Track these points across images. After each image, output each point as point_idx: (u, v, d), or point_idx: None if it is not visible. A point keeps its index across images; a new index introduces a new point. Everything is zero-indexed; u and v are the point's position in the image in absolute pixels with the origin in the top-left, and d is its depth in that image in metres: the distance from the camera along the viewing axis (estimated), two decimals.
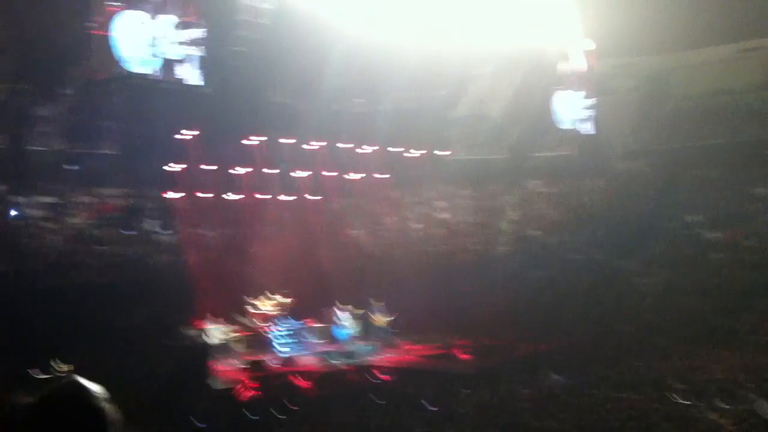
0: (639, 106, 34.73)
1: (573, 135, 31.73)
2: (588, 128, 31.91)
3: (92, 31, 20.63)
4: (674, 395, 15.67)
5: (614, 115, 32.71)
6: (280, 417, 16.87)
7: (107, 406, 1.89)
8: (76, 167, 22.66)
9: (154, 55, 21.04)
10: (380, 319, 24.74)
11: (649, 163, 32.49)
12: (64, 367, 17.17)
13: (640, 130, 34.50)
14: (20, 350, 16.46)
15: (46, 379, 16.73)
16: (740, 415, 13.47)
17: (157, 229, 26.88)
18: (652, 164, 32.21)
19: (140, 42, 20.75)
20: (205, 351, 20.07)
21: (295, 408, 17.49)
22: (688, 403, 14.94)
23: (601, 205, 30.71)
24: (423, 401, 16.98)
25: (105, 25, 20.48)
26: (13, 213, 23.10)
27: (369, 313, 25.24)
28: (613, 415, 14.89)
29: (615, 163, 33.02)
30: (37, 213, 24.56)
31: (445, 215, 31.88)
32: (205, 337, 21.95)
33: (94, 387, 1.91)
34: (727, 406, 14.22)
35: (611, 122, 32.61)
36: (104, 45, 21.19)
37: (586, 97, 32.22)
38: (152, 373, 18.48)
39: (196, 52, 21.91)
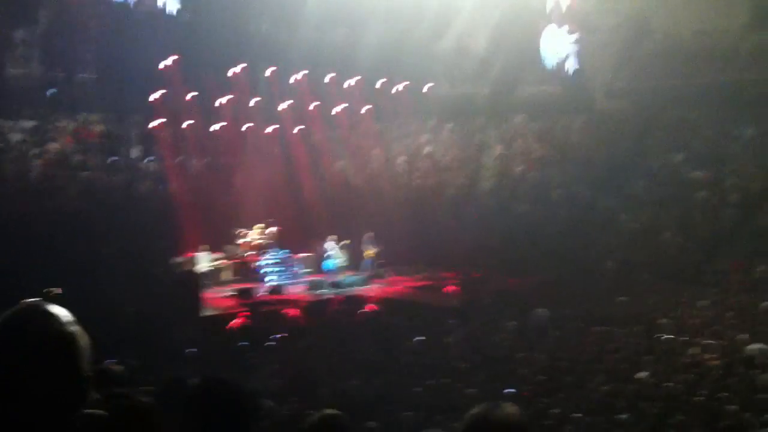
0: (621, 45, 34.52)
1: (557, 71, 31.62)
2: (572, 65, 31.80)
3: None
4: (657, 330, 15.95)
5: (596, 53, 32.55)
6: (267, 344, 16.96)
7: (74, 330, 1.74)
8: (55, 91, 22.15)
9: None
10: (367, 251, 24.84)
11: (631, 101, 32.51)
12: (55, 291, 17.02)
13: (622, 69, 34.39)
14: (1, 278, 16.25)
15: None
16: (723, 350, 13.74)
17: (140, 157, 26.59)
18: (634, 102, 32.23)
19: None
20: (193, 279, 20.05)
21: (282, 335, 17.59)
22: (671, 337, 15.19)
23: (583, 142, 30.78)
24: (409, 331, 17.18)
25: None
26: None
27: (356, 244, 25.33)
28: (596, 347, 15.15)
29: (597, 100, 33.01)
30: (17, 137, 24.13)
31: (429, 149, 31.78)
32: (192, 265, 21.95)
33: (59, 310, 1.76)
34: (711, 342, 14.49)
35: (593, 60, 32.49)
36: None
37: (570, 34, 32.01)
38: (139, 301, 18.46)
39: None
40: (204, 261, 22.24)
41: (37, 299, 1.77)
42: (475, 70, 32.91)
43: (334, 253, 23.51)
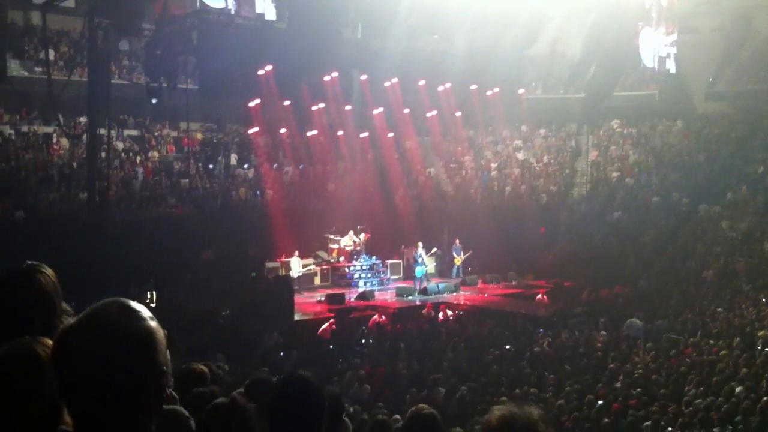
0: (722, 46, 33.37)
1: (654, 74, 30.83)
2: (670, 68, 30.95)
3: None
4: (758, 343, 15.34)
5: (697, 55, 31.56)
6: (356, 349, 17.14)
7: (152, 325, 1.79)
8: (157, 101, 22.93)
9: None
10: (457, 258, 24.84)
11: (732, 104, 31.39)
12: (153, 297, 17.71)
13: (723, 71, 33.26)
14: (106, 280, 16.96)
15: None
16: None
17: (237, 164, 27.33)
18: (736, 106, 31.11)
19: None
20: (285, 284, 20.44)
21: (370, 341, 17.75)
22: None
23: (682, 147, 29.88)
24: (497, 339, 17.05)
25: None
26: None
27: (445, 252, 25.33)
28: (692, 359, 14.68)
29: (697, 103, 32.00)
30: (120, 145, 25.16)
31: (521, 155, 31.48)
32: (284, 270, 22.40)
33: (138, 306, 1.81)
34: None
35: (693, 62, 31.51)
36: None
37: (668, 35, 31.16)
38: (232, 304, 18.95)
39: None
40: (295, 266, 22.67)
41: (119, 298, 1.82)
42: (569, 74, 32.44)
43: (423, 259, 23.58)
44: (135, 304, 1.82)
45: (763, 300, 19.43)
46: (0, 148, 23.07)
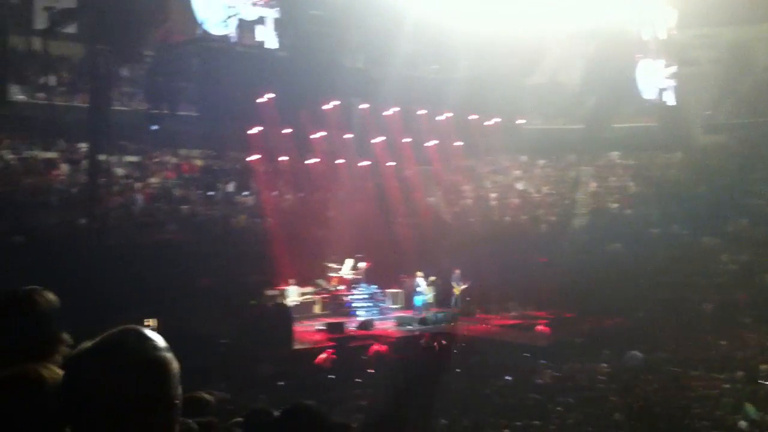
0: (721, 78, 33.59)
1: (653, 106, 30.98)
2: (669, 99, 31.11)
3: None
4: (759, 376, 15.26)
5: (695, 87, 31.75)
6: (356, 379, 16.99)
7: (167, 355, 1.76)
8: (158, 128, 22.97)
9: (231, 17, 21.22)
10: (456, 288, 24.76)
11: (731, 136, 31.52)
12: (151, 322, 17.57)
13: (721, 103, 33.45)
14: (102, 306, 16.87)
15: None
16: None
17: (236, 191, 27.29)
18: (735, 138, 31.25)
19: (217, 3, 20.91)
20: (284, 312, 20.33)
21: (370, 371, 17.60)
22: None
23: (680, 179, 29.95)
24: (498, 370, 16.94)
25: None
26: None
27: (445, 281, 25.24)
28: (696, 392, 14.59)
29: (696, 135, 32.12)
30: (119, 171, 25.13)
31: (521, 185, 31.51)
32: (284, 298, 22.29)
33: (153, 335, 1.78)
34: None
35: (692, 94, 31.69)
36: (183, 6, 21.46)
37: (667, 67, 31.37)
38: (231, 332, 18.83)
39: (272, 14, 22.01)
40: (293, 294, 22.56)
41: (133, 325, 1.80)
42: (568, 104, 32.58)
43: (424, 289, 23.48)
44: (151, 333, 1.79)
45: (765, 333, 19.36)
46: (0, 172, 23.03)
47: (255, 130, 24.70)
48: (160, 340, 1.79)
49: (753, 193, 28.05)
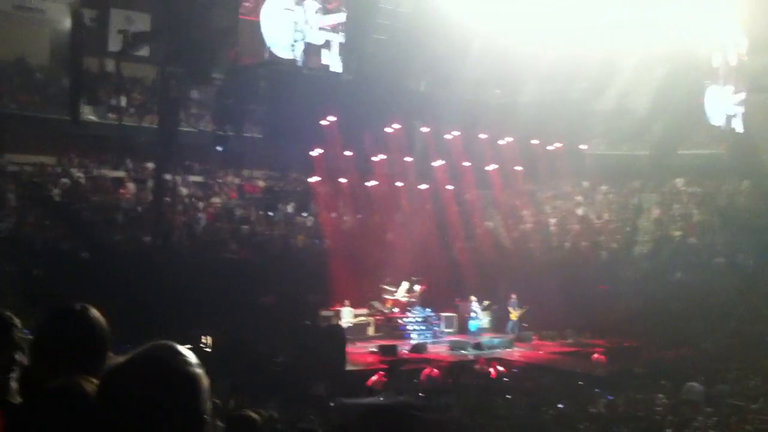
0: None
1: (722, 133, 30.28)
2: (738, 126, 30.37)
3: (241, 16, 21.41)
4: None
5: (766, 114, 30.93)
6: (409, 402, 16.94)
7: (198, 372, 1.80)
8: (223, 149, 23.47)
9: (298, 41, 21.59)
10: (512, 313, 24.56)
11: None
12: (208, 341, 17.92)
13: None
14: (165, 321, 17.22)
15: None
16: None
17: (298, 212, 27.67)
18: None
19: (285, 28, 21.29)
20: (339, 332, 20.46)
21: (422, 395, 17.56)
22: None
23: (747, 207, 29.15)
24: (553, 398, 16.70)
25: (253, 11, 21.20)
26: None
27: (501, 306, 25.07)
28: (752, 425, 14.14)
29: (765, 163, 31.25)
30: (185, 191, 25.76)
31: (583, 211, 31.12)
32: (339, 319, 22.44)
33: (186, 351, 1.82)
34: None
35: (762, 121, 30.87)
36: (252, 30, 21.92)
37: (737, 93, 30.67)
38: (287, 350, 19.03)
39: (338, 38, 22.32)
40: (347, 315, 22.71)
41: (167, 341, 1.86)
42: (634, 130, 32.06)
43: (480, 314, 23.37)
44: (183, 349, 1.85)
45: None
46: (69, 190, 23.83)
47: (317, 152, 25.03)
48: (191, 356, 1.84)
49: None
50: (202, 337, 17.80)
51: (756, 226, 27.70)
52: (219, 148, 23.35)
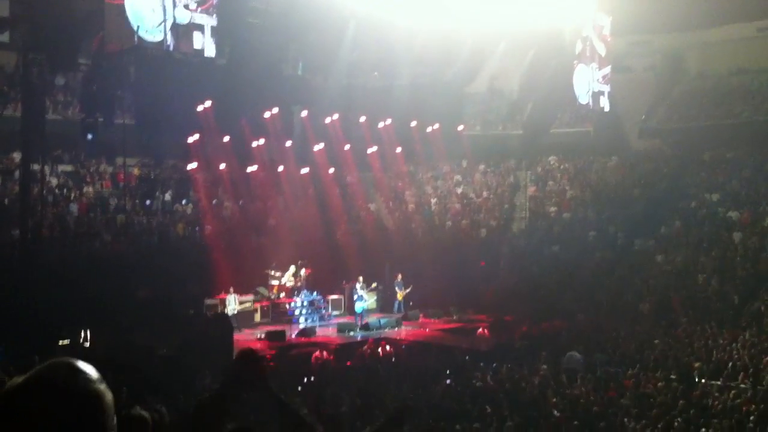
0: (655, 85, 34.45)
1: (589, 112, 31.57)
2: (604, 105, 31.73)
3: (107, 0, 20.54)
4: (694, 374, 15.61)
5: (630, 93, 32.46)
6: (297, 387, 16.85)
7: (101, 388, 1.72)
8: (93, 136, 22.52)
9: (168, 26, 20.93)
10: (399, 293, 24.83)
11: (665, 141, 32.34)
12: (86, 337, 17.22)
13: (656, 109, 34.27)
14: (38, 319, 16.47)
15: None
16: (763, 395, 13.39)
17: (176, 200, 26.92)
18: (669, 142, 32.07)
19: (154, 12, 20.57)
20: (224, 321, 20.10)
21: (311, 378, 17.50)
22: (710, 382, 14.89)
23: (617, 183, 30.58)
24: (439, 374, 16.99)
25: None
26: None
27: (387, 287, 25.28)
28: (633, 392, 14.84)
29: (631, 140, 32.85)
30: (55, 181, 24.59)
31: (461, 190, 31.79)
32: (224, 307, 22.06)
33: (87, 367, 1.74)
34: (749, 387, 14.17)
35: (627, 100, 32.39)
36: (118, 15, 21.06)
37: (602, 71, 31.96)
38: (171, 343, 18.53)
39: (210, 21, 21.78)
40: (231, 303, 22.36)
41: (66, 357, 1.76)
42: (506, 111, 32.98)
43: (365, 295, 23.48)
44: (83, 365, 1.75)
45: (698, 332, 19.81)
46: None
47: (194, 138, 24.43)
48: (92, 372, 1.74)
49: (686, 195, 28.77)
50: (80, 333, 17.09)
51: (623, 200, 29.10)
52: (89, 136, 22.38)
